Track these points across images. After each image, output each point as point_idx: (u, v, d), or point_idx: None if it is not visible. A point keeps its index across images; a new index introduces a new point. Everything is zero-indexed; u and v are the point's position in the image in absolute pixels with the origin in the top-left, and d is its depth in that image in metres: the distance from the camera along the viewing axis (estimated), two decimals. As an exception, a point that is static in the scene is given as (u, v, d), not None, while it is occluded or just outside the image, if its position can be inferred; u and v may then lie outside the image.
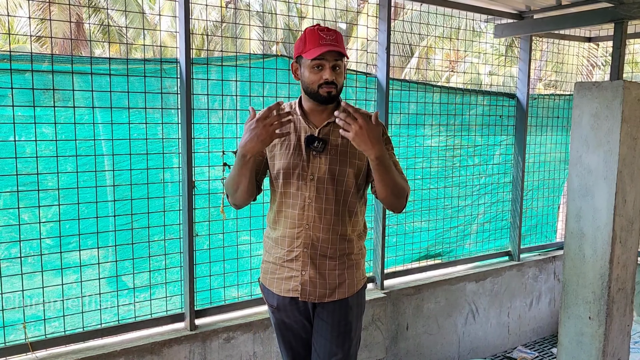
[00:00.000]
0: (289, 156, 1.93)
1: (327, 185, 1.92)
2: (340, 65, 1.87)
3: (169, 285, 2.62)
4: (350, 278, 2.01)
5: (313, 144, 1.91)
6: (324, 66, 1.85)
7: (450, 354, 3.68)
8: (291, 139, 1.95)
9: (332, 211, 1.94)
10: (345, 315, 2.01)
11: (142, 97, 2.45)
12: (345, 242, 1.99)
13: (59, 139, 2.27)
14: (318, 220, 1.94)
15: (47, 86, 2.23)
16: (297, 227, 1.95)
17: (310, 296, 1.98)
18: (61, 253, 2.33)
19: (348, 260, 2.00)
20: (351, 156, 1.94)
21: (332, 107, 1.96)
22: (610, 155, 2.71)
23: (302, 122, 1.96)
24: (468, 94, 3.76)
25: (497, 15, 3.74)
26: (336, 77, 1.87)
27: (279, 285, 2.02)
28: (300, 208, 1.94)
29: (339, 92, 1.91)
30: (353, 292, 2.02)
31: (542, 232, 4.40)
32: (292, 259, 1.97)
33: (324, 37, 1.84)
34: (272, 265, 2.04)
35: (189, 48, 2.47)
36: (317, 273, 1.96)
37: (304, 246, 1.95)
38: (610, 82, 2.71)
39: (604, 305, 2.77)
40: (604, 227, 2.74)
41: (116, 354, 2.36)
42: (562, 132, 4.36)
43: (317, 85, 1.86)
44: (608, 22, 3.09)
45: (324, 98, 1.88)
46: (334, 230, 1.95)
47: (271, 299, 2.06)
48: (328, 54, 1.84)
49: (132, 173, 2.46)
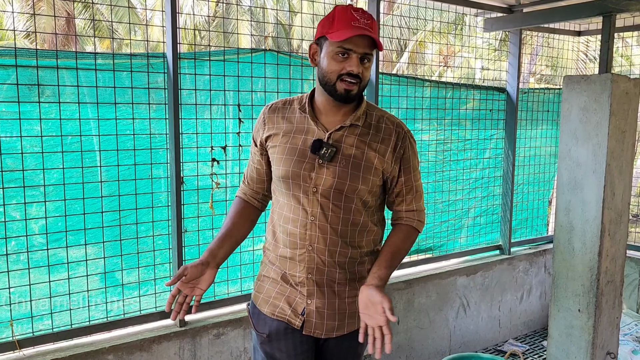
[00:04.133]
0: (290, 162, 1.61)
1: (334, 202, 1.59)
2: (370, 58, 1.54)
3: (158, 281, 2.61)
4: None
5: (320, 151, 1.57)
6: (351, 54, 1.50)
7: (441, 348, 3.69)
8: (295, 141, 1.62)
9: (338, 231, 1.61)
10: (355, 347, 1.73)
11: (129, 92, 2.43)
12: (356, 265, 1.67)
13: (44, 135, 2.25)
14: (322, 242, 1.61)
15: (32, 82, 2.20)
16: (299, 247, 1.63)
17: (317, 330, 1.65)
18: (48, 250, 2.31)
19: (360, 285, 1.65)
20: (365, 170, 1.60)
21: (350, 108, 1.63)
22: (599, 149, 2.71)
23: (310, 122, 1.63)
24: (459, 88, 3.76)
25: (487, 9, 3.73)
26: (363, 72, 1.53)
27: (274, 307, 1.68)
28: (302, 226, 1.61)
29: (362, 89, 1.58)
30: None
31: (533, 225, 4.41)
32: (297, 283, 1.66)
33: (358, 19, 1.49)
34: (271, 281, 1.71)
35: (175, 42, 2.45)
36: (325, 303, 1.64)
37: (307, 271, 1.63)
38: (599, 75, 2.71)
39: (593, 298, 2.78)
40: (593, 220, 2.75)
41: (104, 351, 2.35)
42: (552, 125, 4.38)
43: (336, 75, 1.52)
44: (596, 16, 3.09)
45: (341, 95, 1.54)
46: (342, 254, 1.64)
47: (262, 326, 1.70)
48: (359, 40, 1.49)
49: (120, 169, 2.44)
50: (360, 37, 1.49)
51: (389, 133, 1.65)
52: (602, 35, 3.02)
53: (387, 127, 1.65)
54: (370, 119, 1.66)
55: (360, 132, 1.62)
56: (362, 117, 1.64)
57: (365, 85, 1.59)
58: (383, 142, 1.63)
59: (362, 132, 1.63)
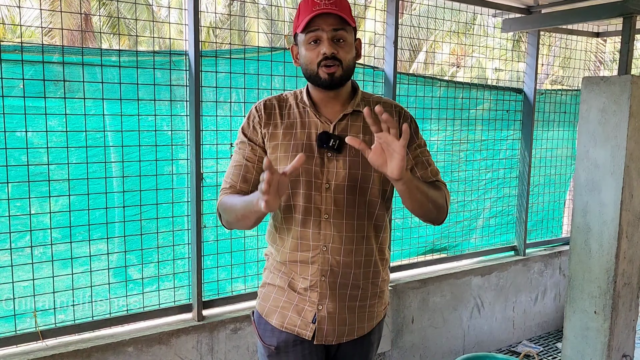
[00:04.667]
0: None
1: (348, 196, 1.52)
2: (343, 36, 1.46)
3: (177, 276, 2.65)
4: (372, 309, 1.63)
5: (328, 143, 1.51)
6: (321, 38, 1.44)
7: (455, 348, 3.69)
8: (298, 137, 1.54)
9: (354, 228, 1.54)
10: (367, 353, 1.68)
11: (151, 89, 2.46)
12: (372, 266, 1.60)
13: (69, 130, 2.29)
14: (338, 241, 1.53)
15: (57, 78, 2.25)
16: (312, 249, 1.54)
17: (328, 337, 1.57)
18: (71, 243, 2.35)
19: (372, 287, 1.61)
20: None
21: (346, 95, 1.57)
22: (618, 150, 2.71)
23: (311, 116, 1.56)
24: (475, 88, 3.76)
25: (505, 10, 3.73)
26: (339, 51, 1.45)
27: (282, 318, 1.59)
28: (315, 226, 1.53)
29: (347, 71, 1.49)
30: (374, 325, 1.66)
31: (548, 227, 4.40)
32: (307, 288, 1.56)
33: (318, 2, 1.43)
34: (277, 289, 1.61)
35: (198, 41, 2.48)
36: (337, 306, 1.56)
37: (321, 274, 1.54)
38: (619, 76, 2.71)
39: (609, 300, 2.78)
40: (611, 221, 2.74)
41: (125, 343, 2.39)
42: (569, 127, 4.36)
43: (315, 64, 1.46)
44: (617, 17, 3.08)
45: (326, 81, 1.47)
46: (358, 252, 1.56)
47: (269, 337, 1.61)
48: (322, 21, 1.43)
49: (141, 164, 2.48)
50: (323, 17, 1.43)
51: (390, 114, 1.49)
52: (623, 37, 3.01)
53: (387, 110, 1.55)
54: (368, 105, 1.57)
55: (364, 118, 1.52)
56: (361, 103, 1.58)
57: (350, 67, 1.50)
58: None
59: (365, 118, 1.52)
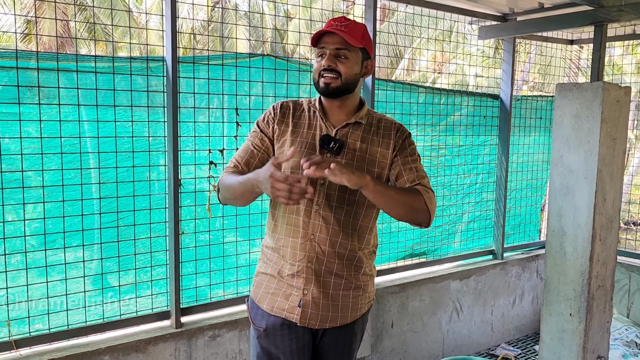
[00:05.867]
0: (301, 154, 1.70)
1: (339, 193, 1.71)
2: (345, 54, 1.66)
3: (155, 283, 2.63)
4: (356, 300, 1.78)
5: (329, 145, 1.71)
6: (325, 53, 1.67)
7: (434, 352, 3.72)
8: (304, 136, 1.75)
9: (340, 222, 1.72)
10: (350, 343, 1.82)
11: (128, 95, 2.45)
12: (354, 260, 1.76)
13: (43, 137, 2.27)
14: (325, 231, 1.71)
15: (31, 84, 2.23)
16: (302, 236, 1.72)
17: (312, 320, 1.73)
18: (45, 251, 2.32)
19: (356, 280, 1.77)
20: (369, 163, 1.74)
21: (352, 107, 1.78)
22: (591, 155, 2.76)
23: (319, 120, 1.77)
24: (453, 94, 3.81)
25: (481, 17, 3.79)
26: (338, 64, 1.66)
27: (272, 303, 1.76)
28: (306, 215, 1.71)
29: (345, 84, 1.68)
30: (357, 317, 1.80)
31: (525, 231, 4.46)
32: (294, 274, 1.73)
33: (332, 23, 1.67)
34: (269, 277, 1.79)
35: (175, 46, 2.48)
36: (321, 293, 1.72)
37: (307, 260, 1.72)
38: (591, 83, 2.77)
39: (584, 302, 2.82)
40: (585, 225, 2.79)
41: (101, 351, 2.36)
42: (545, 132, 4.43)
43: (318, 74, 1.69)
44: (588, 25, 3.15)
45: (323, 90, 1.69)
46: (342, 245, 1.73)
47: (259, 320, 1.78)
48: (329, 38, 1.65)
49: (118, 171, 2.46)
50: (330, 36, 1.65)
51: (389, 129, 1.81)
52: (594, 44, 3.08)
53: (386, 125, 1.82)
54: (371, 119, 1.82)
55: (363, 129, 1.78)
56: (365, 117, 1.80)
57: (349, 81, 1.69)
58: (385, 138, 1.79)
59: (365, 130, 1.78)
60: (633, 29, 3.99)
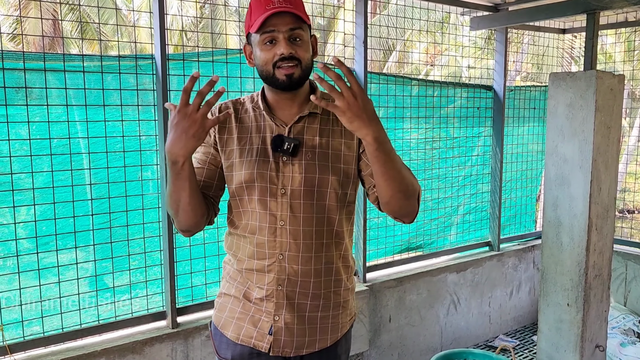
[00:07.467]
0: (251, 165, 1.46)
1: (305, 201, 1.45)
2: (300, 34, 1.39)
3: (150, 283, 2.60)
4: (336, 320, 1.54)
5: (282, 147, 1.44)
6: (277, 38, 1.38)
7: (433, 345, 3.71)
8: (253, 142, 1.48)
9: (312, 234, 1.46)
10: None
11: (118, 94, 2.42)
12: (332, 274, 1.51)
13: (32, 138, 2.24)
14: (295, 248, 1.45)
15: (19, 84, 2.19)
16: (268, 257, 1.47)
17: (286, 348, 1.48)
18: (38, 254, 2.29)
19: (335, 297, 1.53)
20: (334, 159, 1.47)
21: (303, 96, 1.49)
22: (585, 144, 2.75)
23: (266, 119, 1.49)
24: (446, 86, 3.79)
25: (473, 8, 3.77)
26: (297, 50, 1.38)
27: (238, 330, 1.51)
28: (270, 233, 1.46)
29: (305, 71, 1.42)
30: (339, 337, 1.56)
31: (521, 222, 4.46)
32: (262, 298, 1.48)
33: (272, 1, 1.37)
34: (233, 299, 1.54)
35: (164, 44, 2.45)
36: (294, 317, 1.48)
37: (277, 283, 1.46)
38: (584, 72, 2.75)
39: (581, 292, 2.82)
40: (580, 215, 2.79)
41: (97, 354, 2.34)
42: (539, 122, 4.42)
43: (271, 65, 1.39)
44: (581, 13, 3.13)
45: (284, 83, 1.40)
46: (318, 259, 1.48)
47: (224, 349, 1.53)
48: (279, 20, 1.36)
49: (110, 171, 2.43)
50: (279, 17, 1.36)
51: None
52: (587, 33, 3.06)
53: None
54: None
55: (320, 120, 1.49)
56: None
57: (308, 66, 1.43)
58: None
59: (322, 120, 1.49)
60: (625, 16, 3.97)
